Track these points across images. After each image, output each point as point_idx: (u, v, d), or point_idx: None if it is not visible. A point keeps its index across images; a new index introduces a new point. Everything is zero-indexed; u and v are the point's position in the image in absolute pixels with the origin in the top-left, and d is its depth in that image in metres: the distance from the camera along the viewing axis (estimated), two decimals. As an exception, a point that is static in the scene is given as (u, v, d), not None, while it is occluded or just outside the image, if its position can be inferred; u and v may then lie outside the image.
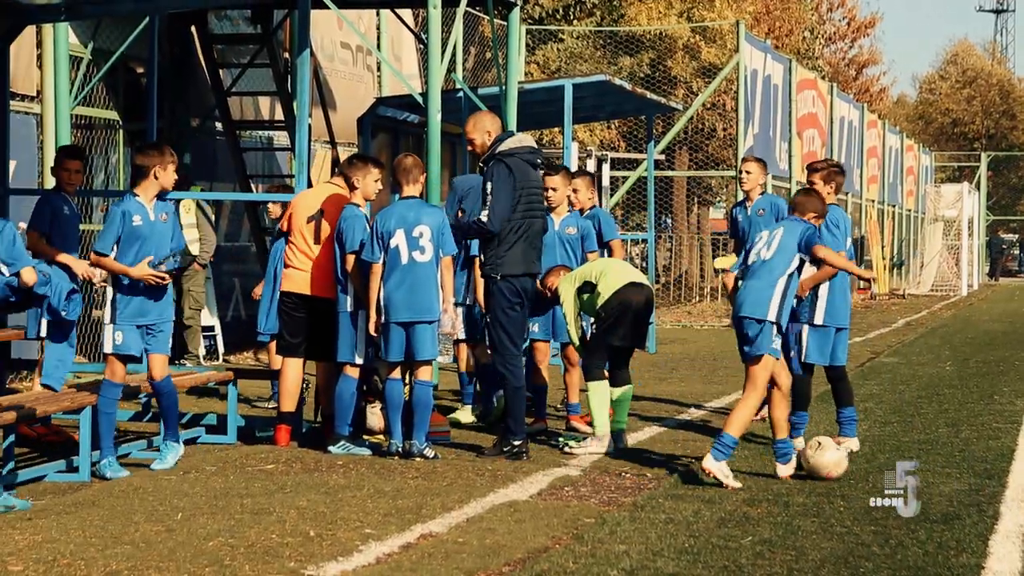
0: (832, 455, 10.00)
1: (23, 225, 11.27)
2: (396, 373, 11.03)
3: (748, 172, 13.42)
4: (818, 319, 11.19)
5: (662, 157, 30.76)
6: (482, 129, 11.15)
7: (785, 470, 10.12)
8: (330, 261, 11.34)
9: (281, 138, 20.05)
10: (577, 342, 11.68)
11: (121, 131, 17.46)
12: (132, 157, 10.84)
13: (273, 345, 12.90)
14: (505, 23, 16.17)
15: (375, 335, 10.98)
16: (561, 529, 8.38)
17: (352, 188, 11.35)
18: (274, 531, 8.25)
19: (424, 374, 11.01)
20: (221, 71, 18.41)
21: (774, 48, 33.59)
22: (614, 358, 11.56)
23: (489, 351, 11.57)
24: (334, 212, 11.37)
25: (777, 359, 9.99)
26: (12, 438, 9.54)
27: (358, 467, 10.58)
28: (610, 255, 12.93)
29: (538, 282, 11.53)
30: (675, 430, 12.79)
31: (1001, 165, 79.15)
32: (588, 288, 11.52)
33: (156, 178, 10.28)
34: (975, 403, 14.81)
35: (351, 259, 11.12)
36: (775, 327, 9.88)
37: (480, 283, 11.68)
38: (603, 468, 10.63)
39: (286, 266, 11.68)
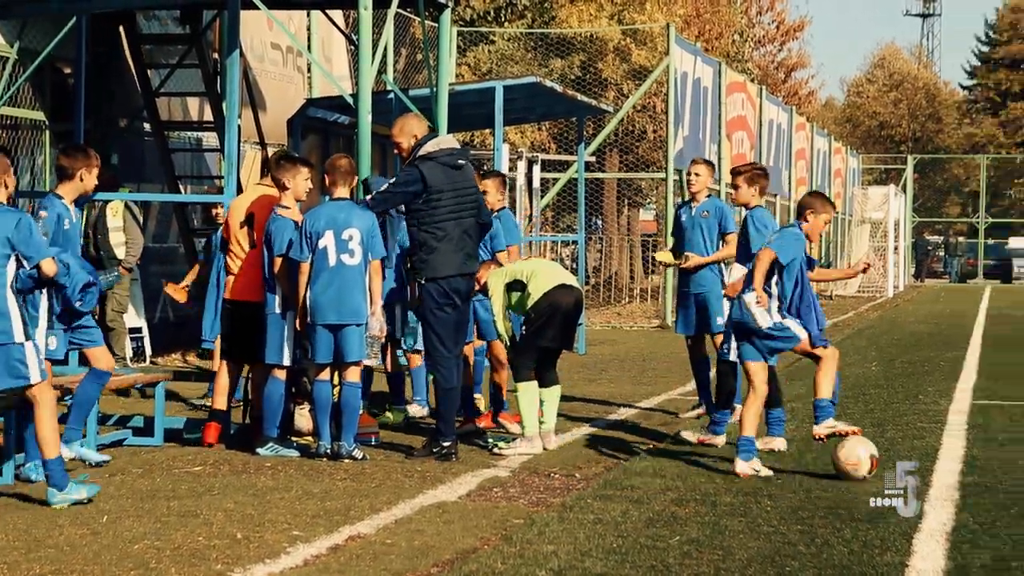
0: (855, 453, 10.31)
1: (45, 213, 11.13)
2: (324, 375, 11.02)
3: (697, 174, 13.52)
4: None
5: (592, 159, 30.84)
6: (408, 133, 11.26)
7: (742, 467, 10.25)
8: (261, 262, 11.32)
9: (210, 139, 19.92)
10: (506, 337, 11.70)
11: (47, 132, 17.29)
12: (56, 159, 10.84)
13: (218, 350, 12.88)
14: (436, 25, 16.15)
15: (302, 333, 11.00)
16: (490, 530, 8.39)
17: (282, 188, 11.32)
18: (201, 533, 8.21)
19: (352, 376, 11.00)
20: (149, 71, 18.28)
21: (704, 51, 33.74)
22: (542, 359, 11.59)
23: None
24: (265, 214, 11.34)
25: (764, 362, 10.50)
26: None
27: (286, 469, 10.54)
28: None
29: None
30: (604, 431, 12.84)
31: (927, 168, 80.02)
32: (518, 287, 11.55)
33: (81, 180, 10.26)
34: (900, 403, 14.96)
35: (279, 262, 11.10)
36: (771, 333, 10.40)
37: None
38: (532, 469, 10.65)
39: (228, 273, 11.68)
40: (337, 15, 20.16)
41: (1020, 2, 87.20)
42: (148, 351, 18.16)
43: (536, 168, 27.15)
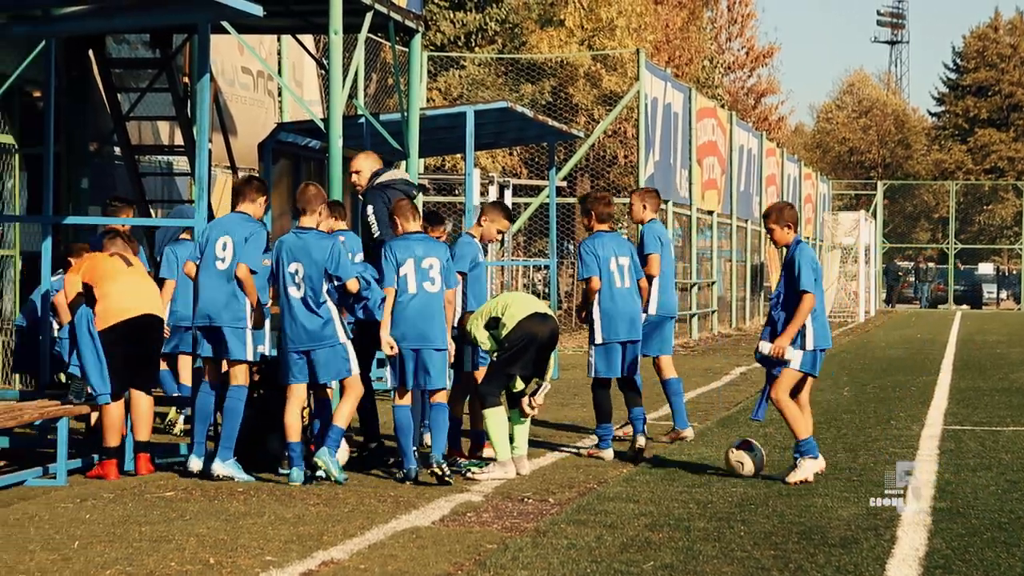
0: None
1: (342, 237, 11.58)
2: (406, 399, 11.15)
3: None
4: (598, 339, 12.49)
5: (564, 184, 30.90)
6: (368, 166, 12.03)
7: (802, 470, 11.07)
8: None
9: (181, 163, 19.88)
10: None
11: (17, 155, 17.23)
12: (233, 184, 12.07)
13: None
14: (407, 49, 16.16)
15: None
16: (463, 555, 8.35)
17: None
18: (173, 559, 8.15)
19: (439, 397, 11.25)
20: (119, 95, 18.23)
21: (674, 76, 33.86)
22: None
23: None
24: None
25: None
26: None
27: (259, 494, 10.48)
28: None
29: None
30: (577, 456, 12.80)
31: (896, 193, 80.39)
32: (494, 324, 11.53)
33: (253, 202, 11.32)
34: (872, 428, 14.97)
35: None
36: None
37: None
38: (505, 493, 10.62)
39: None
40: (308, 40, 20.17)
41: (987, 30, 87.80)
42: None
43: (508, 193, 27.20)
